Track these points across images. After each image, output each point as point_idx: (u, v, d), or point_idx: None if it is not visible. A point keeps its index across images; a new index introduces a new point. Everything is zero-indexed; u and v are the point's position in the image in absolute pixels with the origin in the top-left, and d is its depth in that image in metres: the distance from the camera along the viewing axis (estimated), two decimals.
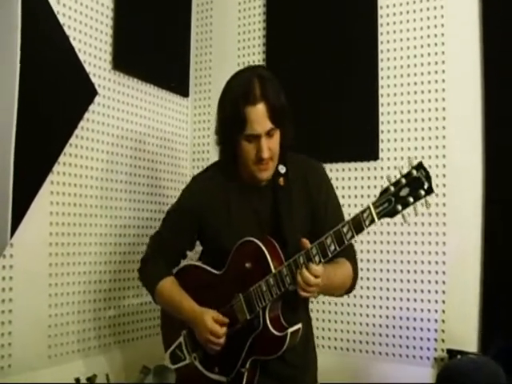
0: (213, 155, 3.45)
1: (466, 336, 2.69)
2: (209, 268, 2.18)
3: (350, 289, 2.16)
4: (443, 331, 2.76)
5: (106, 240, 2.89)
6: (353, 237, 1.80)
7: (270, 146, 2.02)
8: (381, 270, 2.91)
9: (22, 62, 2.36)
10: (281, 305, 2.04)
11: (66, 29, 2.64)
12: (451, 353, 2.66)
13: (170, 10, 3.35)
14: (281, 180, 2.13)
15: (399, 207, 1.73)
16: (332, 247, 1.83)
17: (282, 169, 2.14)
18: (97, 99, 2.81)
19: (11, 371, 2.41)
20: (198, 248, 2.34)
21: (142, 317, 3.15)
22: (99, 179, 2.85)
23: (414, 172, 1.72)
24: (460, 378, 2.26)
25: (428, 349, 2.78)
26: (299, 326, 2.01)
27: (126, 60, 3.00)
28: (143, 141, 3.15)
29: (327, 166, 2.86)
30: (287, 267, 1.91)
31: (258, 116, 1.97)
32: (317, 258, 1.85)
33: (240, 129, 2.00)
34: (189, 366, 2.19)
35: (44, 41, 2.49)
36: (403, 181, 1.73)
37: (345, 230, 1.80)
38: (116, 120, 2.96)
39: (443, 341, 2.75)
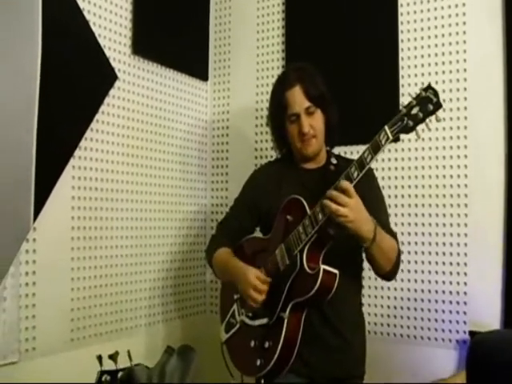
0: (232, 138, 3.47)
1: (490, 317, 2.68)
2: (259, 236, 2.42)
3: (394, 268, 2.18)
4: (465, 313, 2.75)
5: (128, 224, 2.91)
6: (372, 158, 1.94)
7: (311, 123, 2.24)
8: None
9: (44, 47, 2.37)
10: (323, 255, 2.11)
11: (85, 14, 2.64)
12: (473, 335, 2.65)
13: None
14: (331, 167, 2.30)
15: (411, 123, 1.90)
16: (355, 174, 1.97)
17: (334, 160, 2.34)
18: (117, 84, 2.82)
19: (35, 354, 2.45)
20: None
21: (163, 300, 3.18)
22: (120, 163, 2.86)
23: (423, 93, 1.90)
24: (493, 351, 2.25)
25: (450, 331, 2.77)
26: (336, 271, 2.05)
27: (145, 45, 3.00)
28: (163, 125, 3.16)
29: (354, 149, 2.95)
30: (319, 205, 2.02)
31: (295, 96, 2.24)
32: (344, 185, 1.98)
33: (283, 112, 2.27)
34: (237, 332, 2.36)
35: (65, 26, 2.50)
36: (414, 102, 1.91)
37: (365, 154, 1.96)
38: (136, 104, 2.97)
39: (465, 323, 2.74)
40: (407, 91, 2.89)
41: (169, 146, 3.20)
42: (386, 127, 1.93)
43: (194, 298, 3.44)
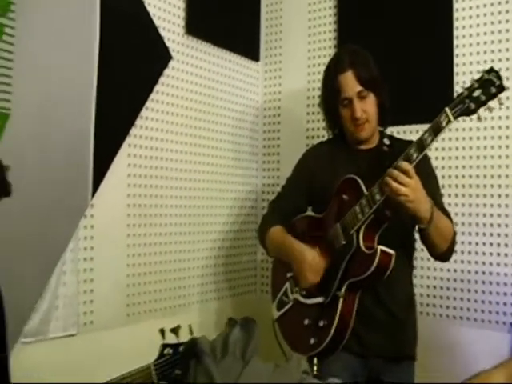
0: (283, 118, 3.47)
1: None
2: (313, 214, 2.41)
3: (449, 248, 2.17)
4: None
5: (181, 202, 2.95)
6: (432, 140, 1.93)
7: (364, 107, 2.23)
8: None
9: (102, 28, 2.43)
10: (378, 236, 2.12)
11: None
12: None
13: None
14: (385, 147, 2.29)
15: (472, 105, 1.87)
16: (415, 155, 1.96)
17: (387, 141, 2.31)
18: (171, 63, 2.85)
19: (93, 327, 2.52)
20: None
21: (215, 279, 3.22)
22: (174, 142, 2.90)
23: (486, 75, 1.87)
24: None
25: (505, 313, 2.74)
26: (392, 251, 2.06)
27: (198, 25, 3.02)
28: (216, 104, 3.18)
29: (406, 128, 2.93)
30: (377, 185, 2.02)
31: (348, 80, 2.22)
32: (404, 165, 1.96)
33: (336, 95, 2.26)
34: (289, 310, 2.36)
35: (121, 7, 2.54)
36: (475, 84, 1.88)
37: (426, 136, 1.95)
38: (189, 84, 3.00)
39: None
40: (462, 70, 2.85)
41: (221, 125, 3.22)
42: (447, 109, 1.91)
43: (245, 278, 3.47)
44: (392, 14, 3.07)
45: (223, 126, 3.24)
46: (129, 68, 2.59)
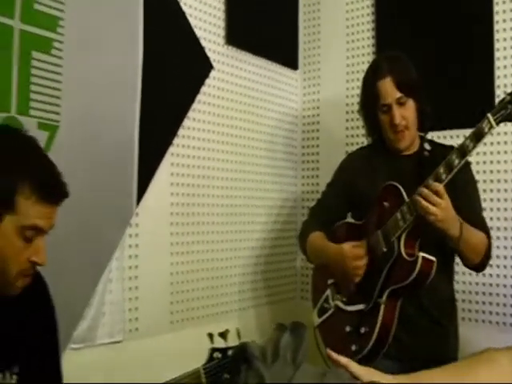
0: (323, 126, 3.48)
1: None
2: (353, 221, 2.41)
3: (482, 261, 2.17)
4: None
5: (221, 211, 2.99)
6: (474, 146, 1.92)
7: (403, 114, 2.23)
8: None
9: (145, 40, 2.49)
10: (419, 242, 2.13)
11: (182, 5, 2.72)
12: None
13: None
14: (426, 153, 2.29)
15: None
16: (456, 161, 1.96)
17: (428, 146, 2.31)
18: (211, 73, 2.89)
19: (138, 334, 2.55)
20: None
21: (254, 286, 3.24)
22: (215, 151, 2.94)
23: None
24: None
25: None
26: (434, 258, 2.07)
27: (238, 35, 3.06)
28: (255, 113, 3.22)
29: (446, 133, 2.92)
30: (418, 193, 2.02)
31: (386, 87, 2.23)
32: (444, 176, 1.97)
33: (375, 102, 2.27)
34: (330, 317, 2.37)
35: (164, 18, 2.60)
36: None
37: (467, 142, 1.94)
38: (230, 93, 3.04)
39: None
40: (503, 74, 2.84)
41: (260, 133, 3.25)
42: (489, 115, 1.90)
43: (285, 284, 3.48)
44: (430, 18, 3.06)
45: (262, 134, 3.27)
46: (172, 78, 2.63)
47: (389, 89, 2.22)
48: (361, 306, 2.22)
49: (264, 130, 3.28)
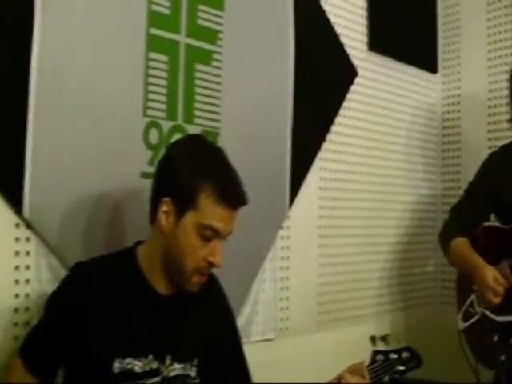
0: (464, 130, 3.44)
1: None
2: (498, 224, 2.33)
3: None
4: None
5: (367, 214, 3.03)
6: None
7: None
8: None
9: (296, 50, 2.60)
10: None
11: (328, 15, 2.80)
12: None
13: None
14: None
15: None
16: None
17: None
18: (356, 80, 2.95)
19: (288, 333, 2.63)
20: None
21: (393, 290, 3.23)
22: (361, 156, 2.99)
23: None
24: None
25: None
26: None
27: (380, 41, 3.10)
28: (398, 118, 3.24)
29: None
30: None
31: None
32: None
33: None
34: (476, 323, 2.31)
35: (312, 28, 2.69)
36: None
37: None
38: (373, 98, 3.08)
39: None
40: None
41: (401, 137, 3.27)
42: None
43: (424, 289, 3.44)
44: None
45: (404, 138, 3.28)
46: (319, 86, 2.71)
47: None
48: (510, 318, 2.15)
49: (405, 134, 3.30)
